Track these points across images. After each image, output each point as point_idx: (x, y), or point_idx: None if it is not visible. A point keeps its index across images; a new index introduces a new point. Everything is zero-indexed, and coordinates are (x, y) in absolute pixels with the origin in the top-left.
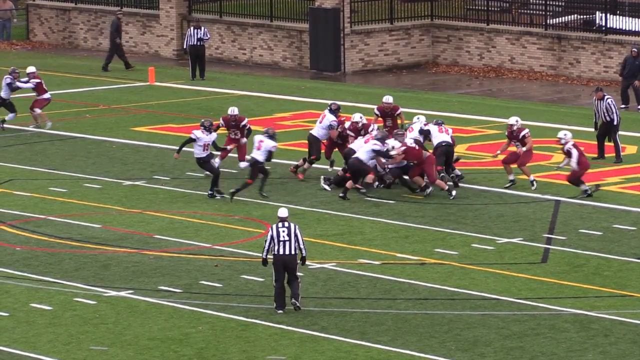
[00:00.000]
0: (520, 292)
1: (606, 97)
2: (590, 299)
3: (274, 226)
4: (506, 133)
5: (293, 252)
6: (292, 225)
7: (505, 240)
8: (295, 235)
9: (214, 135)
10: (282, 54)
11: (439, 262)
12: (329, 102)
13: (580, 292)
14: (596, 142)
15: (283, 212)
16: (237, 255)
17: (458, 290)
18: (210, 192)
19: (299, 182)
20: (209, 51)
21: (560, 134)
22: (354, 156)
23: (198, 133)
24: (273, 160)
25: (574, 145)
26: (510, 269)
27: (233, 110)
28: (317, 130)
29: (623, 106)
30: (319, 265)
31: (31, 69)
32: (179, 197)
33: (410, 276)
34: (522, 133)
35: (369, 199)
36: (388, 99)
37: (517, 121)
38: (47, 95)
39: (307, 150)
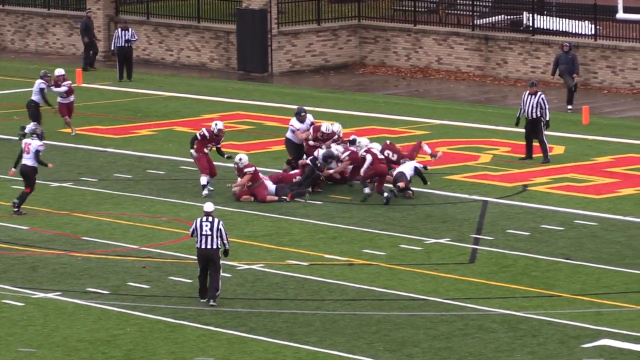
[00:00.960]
0: (448, 292)
1: (539, 93)
2: (518, 299)
3: (198, 219)
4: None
5: (215, 247)
6: (216, 220)
7: (433, 240)
8: (219, 230)
9: None
10: (209, 55)
11: (367, 263)
12: (257, 102)
13: (508, 292)
14: (524, 142)
15: (209, 206)
16: (165, 257)
17: (386, 291)
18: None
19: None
20: (137, 52)
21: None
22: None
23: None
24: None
25: (368, 151)
26: (437, 269)
27: (217, 125)
28: (289, 133)
29: (570, 108)
30: (246, 267)
31: (60, 71)
32: (106, 198)
33: (339, 277)
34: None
35: (299, 200)
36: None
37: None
38: (72, 98)
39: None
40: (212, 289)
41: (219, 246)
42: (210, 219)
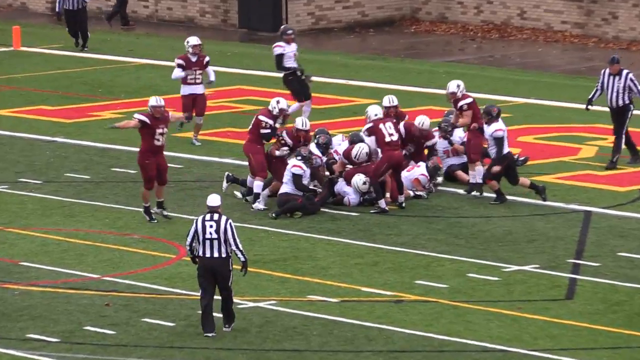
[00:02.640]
0: (536, 341)
1: (625, 72)
2: (634, 350)
3: (199, 219)
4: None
5: (223, 255)
6: (224, 219)
7: (515, 268)
8: (226, 232)
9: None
10: (199, 7)
11: (422, 299)
12: (266, 73)
13: (621, 340)
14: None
15: (214, 199)
16: (136, 290)
17: (448, 338)
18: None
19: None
20: (98, 3)
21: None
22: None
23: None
24: (190, 158)
25: (372, 130)
26: (522, 308)
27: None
28: None
29: None
30: (252, 304)
31: (195, 40)
32: (55, 207)
33: (382, 319)
34: (461, 103)
35: (325, 210)
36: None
37: (458, 87)
38: None
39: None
40: (227, 317)
41: (230, 254)
42: (215, 217)
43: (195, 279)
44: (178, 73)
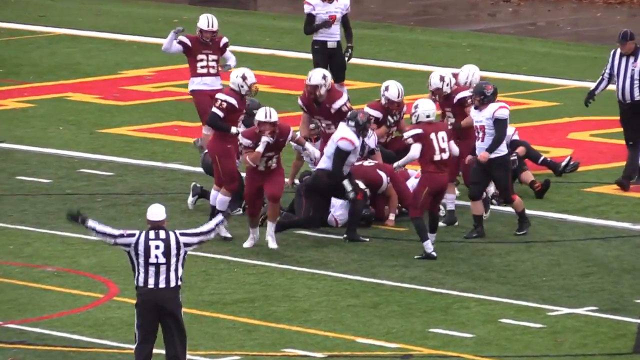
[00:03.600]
0: None
1: None
2: None
3: (142, 236)
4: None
5: (172, 285)
6: (173, 235)
7: (565, 310)
8: (178, 252)
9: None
10: None
11: (439, 353)
12: (231, 48)
13: None
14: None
15: (157, 211)
16: (50, 342)
17: None
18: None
19: (169, 201)
20: None
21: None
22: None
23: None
24: (123, 163)
25: (419, 138)
26: None
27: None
28: None
29: None
30: None
31: (205, 22)
32: None
33: None
34: (461, 95)
35: (310, 233)
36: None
37: (442, 79)
38: None
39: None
40: None
41: (179, 284)
42: (162, 234)
43: (130, 326)
44: (172, 44)
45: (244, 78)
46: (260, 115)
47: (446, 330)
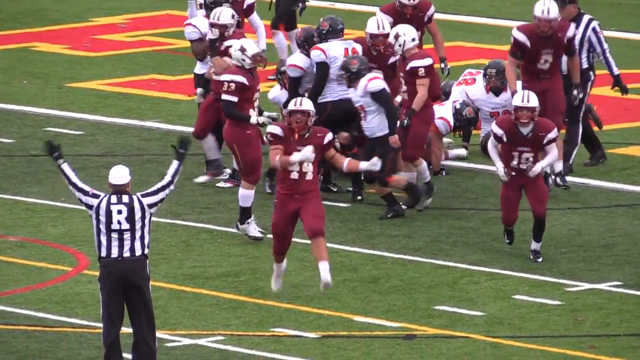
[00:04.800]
0: None
1: (587, 18)
2: None
3: (104, 200)
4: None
5: (138, 253)
6: (136, 199)
7: (586, 286)
8: (143, 218)
9: None
10: None
11: (445, 333)
12: None
13: None
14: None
15: (120, 173)
16: (13, 320)
17: None
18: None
19: (145, 164)
20: None
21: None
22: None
23: None
24: (94, 120)
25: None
26: (596, 347)
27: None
28: None
29: None
30: (188, 341)
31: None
32: None
33: None
34: (414, 64)
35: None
36: None
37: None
38: None
39: None
40: (143, 350)
41: (146, 252)
42: (125, 198)
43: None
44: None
45: (242, 50)
46: (291, 103)
47: (453, 307)
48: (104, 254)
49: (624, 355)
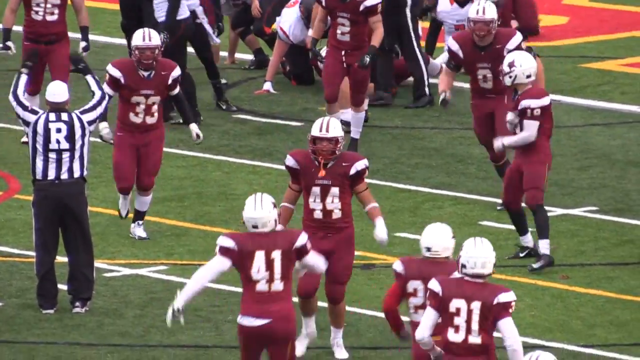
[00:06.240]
0: (592, 330)
1: None
2: None
3: (42, 116)
4: None
5: (77, 175)
6: (75, 117)
7: (558, 211)
8: (83, 137)
9: None
10: None
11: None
12: None
13: None
14: None
15: (58, 90)
16: None
17: None
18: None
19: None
20: None
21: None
22: None
23: None
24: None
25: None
26: (568, 277)
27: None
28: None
29: None
30: (129, 271)
31: None
32: None
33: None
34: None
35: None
36: None
37: None
38: None
39: None
40: (81, 290)
41: (85, 174)
42: (64, 117)
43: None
44: None
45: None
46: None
47: (415, 234)
48: (39, 176)
49: (599, 287)
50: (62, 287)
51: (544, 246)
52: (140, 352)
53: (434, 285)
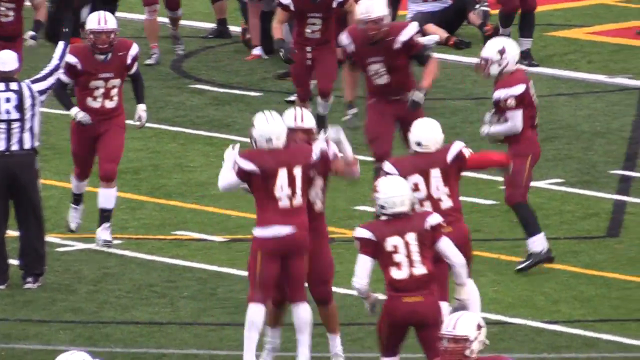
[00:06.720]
0: (556, 306)
1: None
2: None
3: None
4: None
5: (28, 146)
6: (25, 86)
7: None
8: (33, 106)
9: None
10: None
11: None
12: None
13: None
14: None
15: (7, 58)
16: None
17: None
18: None
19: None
20: None
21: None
22: None
23: None
24: None
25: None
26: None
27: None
28: None
29: None
30: (81, 246)
31: None
32: None
33: None
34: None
35: (209, 88)
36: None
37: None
38: None
39: None
40: (33, 264)
41: (36, 145)
42: (14, 86)
43: None
44: None
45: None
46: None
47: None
48: None
49: (565, 261)
50: (13, 262)
51: (531, 244)
52: (93, 328)
53: (363, 232)
